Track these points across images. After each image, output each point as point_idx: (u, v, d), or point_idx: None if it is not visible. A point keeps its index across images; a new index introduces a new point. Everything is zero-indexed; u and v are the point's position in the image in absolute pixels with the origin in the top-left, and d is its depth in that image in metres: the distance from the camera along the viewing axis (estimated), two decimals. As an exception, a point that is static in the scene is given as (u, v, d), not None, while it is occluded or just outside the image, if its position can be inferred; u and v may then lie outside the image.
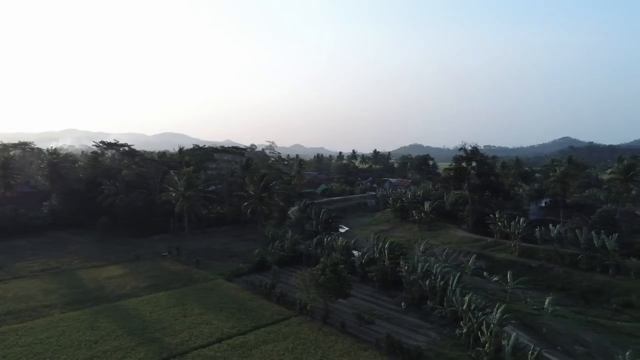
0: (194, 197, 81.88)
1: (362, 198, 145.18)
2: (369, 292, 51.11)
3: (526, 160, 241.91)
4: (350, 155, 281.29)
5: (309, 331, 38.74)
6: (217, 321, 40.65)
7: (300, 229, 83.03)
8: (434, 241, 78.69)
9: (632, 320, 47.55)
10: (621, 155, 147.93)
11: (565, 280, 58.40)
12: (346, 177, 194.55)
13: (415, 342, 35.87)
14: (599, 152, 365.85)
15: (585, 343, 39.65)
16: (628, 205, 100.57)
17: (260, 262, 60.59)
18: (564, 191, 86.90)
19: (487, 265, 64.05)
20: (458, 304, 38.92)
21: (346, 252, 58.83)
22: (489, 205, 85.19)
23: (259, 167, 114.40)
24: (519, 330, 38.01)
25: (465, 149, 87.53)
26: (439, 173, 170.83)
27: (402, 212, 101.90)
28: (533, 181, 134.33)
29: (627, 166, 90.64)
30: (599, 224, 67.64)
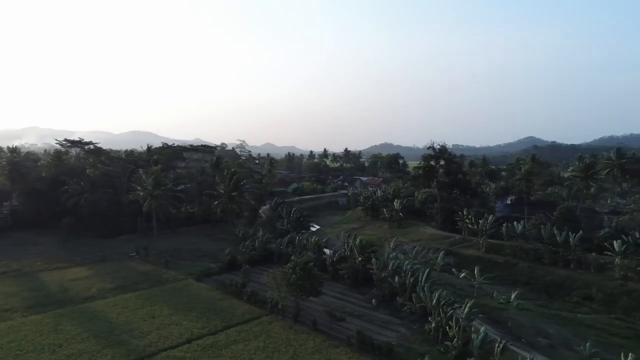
0: (162, 197, 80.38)
1: (333, 197, 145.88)
2: (340, 290, 51.38)
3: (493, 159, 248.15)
4: (322, 154, 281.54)
5: (280, 330, 38.67)
6: (186, 322, 40.07)
7: (272, 228, 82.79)
8: (404, 238, 79.80)
9: (592, 312, 49.53)
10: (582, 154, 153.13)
11: (530, 275, 60.26)
12: (317, 176, 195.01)
13: (385, 338, 36.27)
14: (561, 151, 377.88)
15: (548, 335, 40.99)
16: (588, 202, 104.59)
17: (230, 262, 60.05)
18: (528, 189, 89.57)
19: (456, 261, 65.39)
20: (427, 299, 39.58)
21: (317, 251, 58.96)
22: (457, 202, 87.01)
23: (230, 166, 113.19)
24: (486, 324, 38.91)
25: (434, 148, 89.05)
26: (409, 171, 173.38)
27: (372, 211, 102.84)
28: (499, 179, 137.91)
29: (587, 165, 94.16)
30: (561, 221, 70.11)
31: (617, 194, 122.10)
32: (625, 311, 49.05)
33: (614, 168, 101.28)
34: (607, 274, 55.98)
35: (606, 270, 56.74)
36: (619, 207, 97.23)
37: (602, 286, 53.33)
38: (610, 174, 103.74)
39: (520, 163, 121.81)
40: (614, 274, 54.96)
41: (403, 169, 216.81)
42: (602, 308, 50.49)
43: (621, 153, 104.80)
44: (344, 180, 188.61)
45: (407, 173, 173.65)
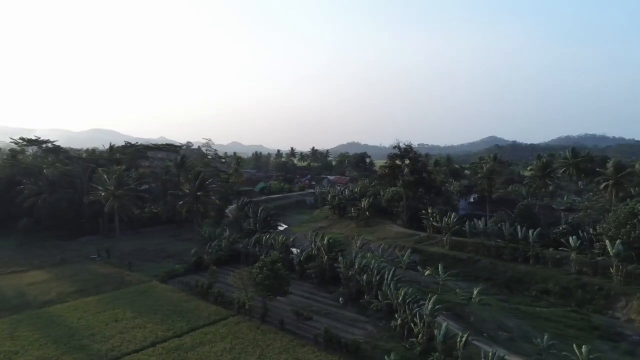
0: (125, 197, 78.36)
1: (301, 196, 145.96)
2: (307, 289, 51.54)
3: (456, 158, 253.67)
4: (289, 153, 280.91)
5: (247, 330, 38.49)
6: (151, 324, 39.32)
7: (238, 228, 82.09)
8: (371, 237, 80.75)
9: (550, 305, 51.59)
10: (540, 154, 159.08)
11: (491, 271, 62.16)
12: (285, 175, 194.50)
13: (352, 336, 36.65)
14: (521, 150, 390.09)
15: (508, 329, 42.43)
16: (546, 200, 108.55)
17: (196, 262, 59.28)
18: (490, 187, 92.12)
19: (421, 258, 66.72)
20: (393, 297, 40.22)
21: (285, 250, 58.90)
22: (422, 201, 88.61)
23: (195, 165, 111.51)
24: (449, 319, 39.86)
25: (400, 147, 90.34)
26: (375, 170, 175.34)
27: (340, 209, 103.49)
28: (462, 178, 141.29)
29: (544, 164, 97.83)
30: (521, 218, 72.54)
31: (572, 191, 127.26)
32: (579, 304, 51.34)
33: (569, 167, 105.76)
34: (563, 269, 58.30)
35: (563, 265, 59.08)
36: (574, 204, 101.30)
37: (558, 280, 55.58)
38: (566, 173, 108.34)
39: (482, 162, 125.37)
40: (570, 269, 57.29)
41: (370, 167, 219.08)
42: (559, 301, 52.69)
43: (576, 152, 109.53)
44: (312, 179, 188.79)
45: (374, 172, 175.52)
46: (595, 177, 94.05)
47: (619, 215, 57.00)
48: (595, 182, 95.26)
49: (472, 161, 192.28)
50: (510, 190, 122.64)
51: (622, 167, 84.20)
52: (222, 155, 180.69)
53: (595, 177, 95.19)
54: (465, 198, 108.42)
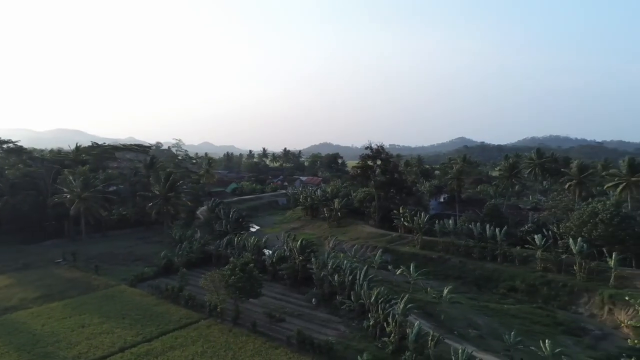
0: (92, 199, 76.21)
1: (273, 196, 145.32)
2: (280, 290, 51.38)
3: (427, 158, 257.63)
4: (261, 153, 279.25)
5: (219, 333, 38.05)
6: (119, 330, 38.41)
7: (210, 230, 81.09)
8: (343, 237, 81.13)
9: (517, 302, 53.02)
10: (507, 154, 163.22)
11: (461, 269, 63.42)
12: (257, 176, 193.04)
13: (325, 337, 36.70)
14: (489, 151, 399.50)
15: (477, 326, 43.37)
16: (513, 200, 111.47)
17: (166, 265, 58.32)
18: (459, 187, 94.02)
19: (392, 258, 67.46)
20: (365, 297, 40.51)
21: (257, 252, 58.53)
22: (394, 201, 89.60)
23: (165, 166, 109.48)
24: (421, 318, 40.49)
25: (372, 148, 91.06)
26: (347, 171, 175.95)
27: (312, 210, 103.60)
28: (433, 178, 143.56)
29: (511, 165, 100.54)
30: (489, 217, 74.31)
31: (538, 191, 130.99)
32: (545, 300, 52.98)
33: (535, 167, 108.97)
34: (529, 266, 59.97)
35: (529, 262, 60.76)
36: (540, 203, 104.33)
37: (525, 278, 57.15)
38: (532, 173, 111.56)
39: (452, 163, 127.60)
40: (536, 266, 59.00)
41: (342, 168, 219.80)
42: (526, 298, 54.23)
43: (541, 153, 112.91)
44: (284, 179, 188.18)
45: (346, 172, 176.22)
46: (560, 177, 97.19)
47: (582, 215, 59.01)
48: (559, 182, 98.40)
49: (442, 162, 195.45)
50: (479, 190, 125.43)
51: (585, 168, 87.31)
52: (192, 156, 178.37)
53: (559, 177, 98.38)
54: (436, 198, 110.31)
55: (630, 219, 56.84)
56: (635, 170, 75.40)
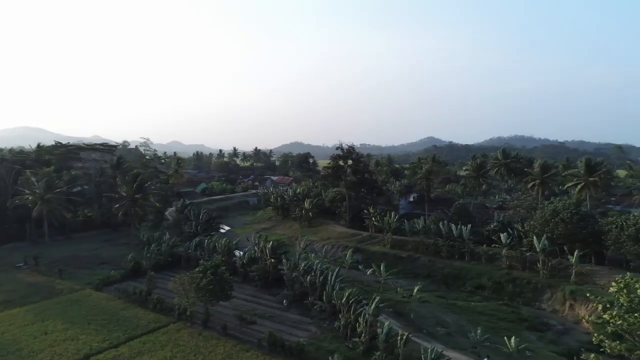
0: (55, 201, 73.78)
1: (244, 196, 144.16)
2: (251, 292, 51.09)
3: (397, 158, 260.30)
4: (232, 152, 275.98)
5: (189, 337, 37.55)
6: (84, 336, 37.40)
7: (179, 231, 79.70)
8: (314, 237, 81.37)
9: (483, 299, 54.50)
10: (475, 154, 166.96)
11: (430, 268, 64.66)
12: (227, 176, 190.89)
13: (296, 338, 36.76)
14: (458, 151, 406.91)
15: (446, 324, 44.30)
16: (480, 199, 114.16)
17: (134, 268, 57.16)
18: (428, 187, 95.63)
19: (363, 258, 68.09)
20: (337, 298, 40.73)
21: (227, 253, 57.98)
22: (364, 201, 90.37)
23: (132, 166, 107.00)
24: (391, 318, 41.01)
25: (342, 148, 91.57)
26: (319, 170, 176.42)
27: (283, 210, 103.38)
28: (403, 177, 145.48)
29: (478, 165, 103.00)
30: (457, 216, 75.92)
31: (504, 190, 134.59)
32: (510, 297, 54.62)
33: (501, 167, 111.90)
34: (495, 264, 61.74)
35: (495, 260, 62.52)
36: (505, 202, 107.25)
37: (491, 275, 58.79)
38: (498, 173, 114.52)
39: (421, 162, 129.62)
40: (502, 264, 60.77)
41: (313, 168, 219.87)
42: (492, 295, 55.76)
43: (506, 154, 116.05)
44: (255, 179, 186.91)
45: (317, 172, 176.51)
46: (524, 177, 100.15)
47: (545, 214, 61.02)
48: (523, 182, 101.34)
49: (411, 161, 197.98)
50: (448, 189, 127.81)
51: (548, 168, 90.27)
52: (161, 156, 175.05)
53: (523, 177, 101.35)
54: (406, 197, 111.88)
55: (589, 218, 59.13)
56: (593, 170, 78.64)
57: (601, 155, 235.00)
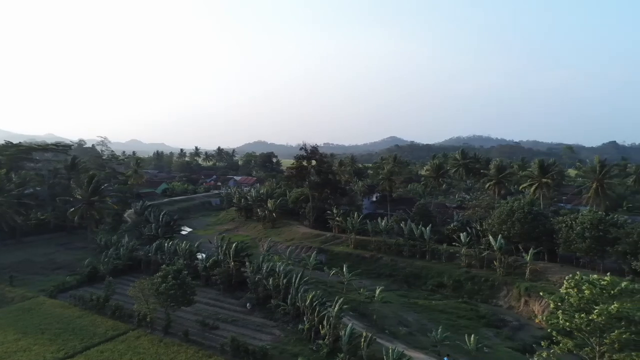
0: (5, 204, 70.27)
1: (206, 197, 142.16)
2: (213, 296, 50.41)
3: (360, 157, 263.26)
4: (193, 152, 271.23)
5: (149, 344, 36.69)
6: (37, 346, 35.90)
7: (138, 234, 77.82)
8: (278, 238, 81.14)
9: (444, 298, 55.87)
10: (435, 154, 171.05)
11: (392, 268, 65.66)
12: (189, 176, 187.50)
13: (260, 342, 36.60)
14: (419, 150, 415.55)
15: (407, 323, 45.18)
16: (440, 198, 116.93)
17: (91, 273, 55.37)
18: (390, 187, 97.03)
19: (327, 258, 68.48)
20: (300, 300, 40.78)
21: (189, 256, 56.98)
22: (328, 201, 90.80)
23: (89, 167, 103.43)
24: (354, 319, 41.47)
25: (306, 148, 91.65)
26: (282, 170, 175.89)
27: (246, 211, 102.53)
28: (366, 177, 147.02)
29: (438, 166, 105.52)
30: (418, 216, 77.41)
31: (463, 189, 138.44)
32: (469, 295, 56.26)
33: (459, 167, 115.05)
34: (455, 263, 63.36)
35: (455, 259, 64.18)
36: (464, 202, 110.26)
37: (451, 274, 60.31)
38: (457, 173, 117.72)
39: (383, 162, 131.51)
40: (461, 263, 62.47)
41: (277, 167, 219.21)
42: (452, 294, 57.24)
43: (465, 154, 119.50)
44: (217, 179, 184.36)
45: (281, 172, 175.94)
46: (482, 177, 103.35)
47: (501, 213, 63.16)
48: (481, 182, 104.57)
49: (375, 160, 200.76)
50: (409, 189, 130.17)
51: (503, 169, 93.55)
52: (119, 155, 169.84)
53: (481, 177, 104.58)
54: (369, 197, 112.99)
55: (542, 217, 61.64)
56: (546, 171, 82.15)
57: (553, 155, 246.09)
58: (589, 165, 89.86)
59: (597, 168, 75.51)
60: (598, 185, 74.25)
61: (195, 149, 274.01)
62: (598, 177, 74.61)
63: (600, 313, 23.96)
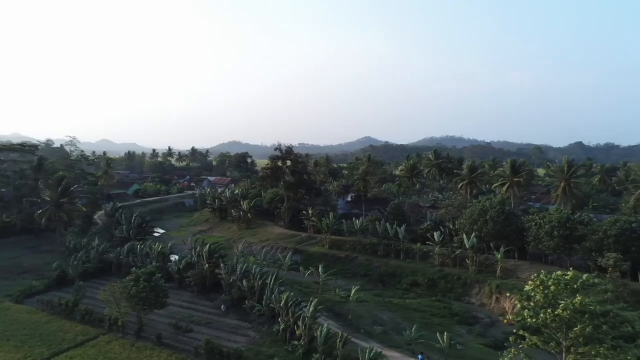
0: (-33, 205, 67.64)
1: (180, 198, 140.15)
2: (187, 298, 49.73)
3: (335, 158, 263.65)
4: (166, 152, 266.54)
5: (121, 349, 35.94)
6: (3, 353, 34.71)
7: (109, 236, 76.09)
8: (253, 239, 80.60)
9: (418, 296, 56.64)
10: (409, 154, 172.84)
11: (367, 267, 66.14)
12: (161, 176, 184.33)
13: (235, 344, 36.30)
14: (393, 150, 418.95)
15: (382, 322, 45.60)
16: (414, 198, 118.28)
17: (60, 277, 53.93)
18: (365, 187, 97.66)
19: (302, 258, 68.44)
20: (275, 301, 40.63)
21: (162, 258, 56.04)
22: (303, 202, 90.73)
23: (57, 168, 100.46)
24: (329, 319, 41.57)
25: (281, 149, 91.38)
26: (257, 170, 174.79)
27: (221, 212, 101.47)
28: (341, 177, 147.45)
29: (412, 166, 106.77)
30: (392, 215, 78.10)
31: (436, 189, 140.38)
32: (443, 293, 57.22)
33: (433, 167, 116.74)
34: (429, 262, 64.29)
35: (428, 258, 65.11)
36: (437, 201, 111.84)
37: (425, 272, 61.19)
38: (430, 172, 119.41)
39: (358, 163, 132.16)
40: (434, 261, 63.40)
41: (252, 167, 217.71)
42: (426, 292, 58.09)
43: (438, 154, 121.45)
44: (191, 180, 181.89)
45: (256, 172, 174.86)
46: (454, 176, 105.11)
47: (472, 212, 64.37)
48: (454, 182, 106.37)
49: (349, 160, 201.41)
50: (384, 189, 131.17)
51: (475, 169, 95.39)
52: (89, 155, 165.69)
53: (454, 176, 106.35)
54: (344, 197, 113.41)
55: (513, 216, 63.12)
56: (517, 171, 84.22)
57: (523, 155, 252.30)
58: (558, 165, 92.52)
59: (565, 168, 77.76)
60: (566, 185, 76.46)
61: (168, 149, 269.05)
62: (566, 176, 76.83)
63: (566, 307, 24.69)
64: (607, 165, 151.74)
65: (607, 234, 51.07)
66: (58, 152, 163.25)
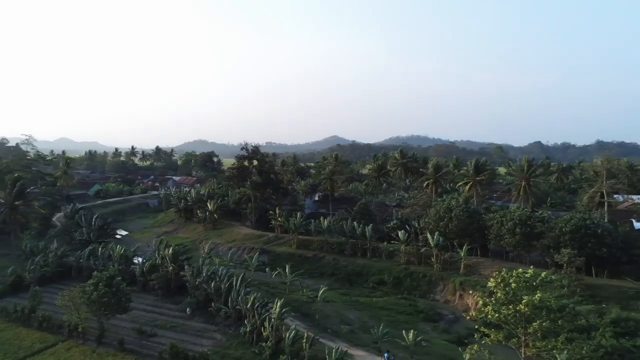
0: None
1: (143, 198, 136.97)
2: (151, 302, 48.76)
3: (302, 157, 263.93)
4: (129, 151, 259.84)
5: (81, 356, 34.95)
6: (-48, 365, 32.98)
7: (69, 239, 73.66)
8: (219, 240, 79.63)
9: (384, 295, 57.38)
10: (376, 154, 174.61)
11: (335, 266, 66.50)
12: (124, 176, 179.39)
13: (200, 348, 35.83)
14: (360, 150, 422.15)
15: (349, 321, 45.94)
16: (381, 197, 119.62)
17: (15, 282, 51.91)
18: (332, 187, 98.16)
19: (270, 259, 68.18)
20: (242, 303, 40.29)
21: (125, 261, 54.63)
22: (270, 201, 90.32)
23: (11, 168, 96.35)
24: (297, 320, 41.55)
25: (247, 148, 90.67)
26: (224, 170, 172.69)
27: (186, 212, 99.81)
28: (308, 177, 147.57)
29: (379, 165, 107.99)
30: (359, 215, 78.73)
31: (402, 188, 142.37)
32: (409, 291, 58.17)
33: (399, 167, 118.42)
34: (395, 260, 65.17)
35: (394, 256, 65.98)
36: (403, 200, 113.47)
37: (391, 271, 62.01)
38: (396, 172, 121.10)
39: (325, 162, 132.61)
40: (400, 260, 64.31)
41: (218, 167, 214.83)
42: (392, 290, 58.89)
43: (404, 154, 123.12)
44: (155, 180, 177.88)
45: (222, 172, 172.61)
46: (420, 175, 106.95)
47: (438, 211, 65.66)
48: (419, 180, 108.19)
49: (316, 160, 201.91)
50: (351, 188, 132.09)
51: (440, 168, 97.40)
52: (47, 155, 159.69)
53: (419, 175, 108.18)
54: (311, 197, 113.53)
55: (476, 214, 64.80)
56: (480, 170, 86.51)
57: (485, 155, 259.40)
58: (518, 164, 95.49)
59: (525, 167, 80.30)
60: (525, 184, 79.03)
61: (131, 148, 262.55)
62: (526, 175, 79.36)
63: (527, 303, 25.63)
64: (564, 165, 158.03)
65: (562, 231, 53.07)
66: (13, 151, 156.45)
